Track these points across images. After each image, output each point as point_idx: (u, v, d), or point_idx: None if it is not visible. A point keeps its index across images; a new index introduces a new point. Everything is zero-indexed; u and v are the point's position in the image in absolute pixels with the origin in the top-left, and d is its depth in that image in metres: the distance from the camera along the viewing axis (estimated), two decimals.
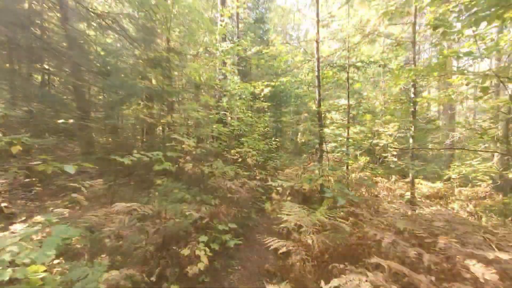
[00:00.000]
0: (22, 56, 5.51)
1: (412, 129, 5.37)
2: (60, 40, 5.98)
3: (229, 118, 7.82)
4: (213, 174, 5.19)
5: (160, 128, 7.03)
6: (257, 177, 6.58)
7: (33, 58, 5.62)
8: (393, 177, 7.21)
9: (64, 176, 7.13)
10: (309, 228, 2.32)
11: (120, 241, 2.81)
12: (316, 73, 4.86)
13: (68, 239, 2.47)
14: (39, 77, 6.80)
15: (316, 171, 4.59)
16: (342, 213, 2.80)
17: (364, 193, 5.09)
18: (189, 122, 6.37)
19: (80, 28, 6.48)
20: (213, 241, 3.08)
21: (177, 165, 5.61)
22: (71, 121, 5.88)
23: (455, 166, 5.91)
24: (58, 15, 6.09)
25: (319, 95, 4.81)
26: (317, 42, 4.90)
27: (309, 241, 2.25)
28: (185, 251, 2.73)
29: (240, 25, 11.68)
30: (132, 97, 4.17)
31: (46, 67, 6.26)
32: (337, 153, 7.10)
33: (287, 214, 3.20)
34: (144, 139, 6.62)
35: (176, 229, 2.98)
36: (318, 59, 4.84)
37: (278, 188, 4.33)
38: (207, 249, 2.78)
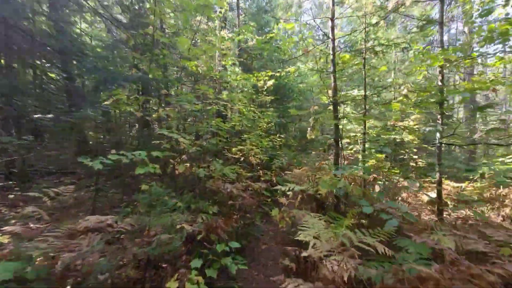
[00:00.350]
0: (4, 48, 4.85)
1: (440, 122, 4.65)
2: (49, 29, 5.32)
3: (230, 112, 7.13)
4: (211, 176, 4.50)
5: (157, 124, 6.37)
6: (261, 178, 5.95)
7: (18, 50, 4.96)
8: (411, 177, 6.49)
9: (47, 178, 6.46)
10: (343, 257, 1.62)
11: (86, 269, 2.13)
12: (331, 57, 4.11)
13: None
14: (29, 72, 6.15)
15: (333, 173, 3.87)
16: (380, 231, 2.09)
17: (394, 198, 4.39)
18: (187, 118, 5.67)
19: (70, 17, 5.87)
20: (210, 265, 2.39)
21: (171, 166, 4.91)
22: (49, 116, 5.18)
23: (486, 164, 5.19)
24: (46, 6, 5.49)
25: (335, 81, 4.06)
26: (331, 19, 4.15)
27: (343, 275, 1.55)
28: (172, 284, 2.03)
29: (240, 17, 10.94)
30: (111, 84, 3.47)
31: (38, 62, 5.61)
32: (351, 150, 6.40)
33: (303, 230, 2.50)
34: (135, 136, 5.95)
35: (162, 251, 2.31)
36: (333, 39, 4.09)
37: (288, 193, 3.63)
38: (201, 280, 2.09)
